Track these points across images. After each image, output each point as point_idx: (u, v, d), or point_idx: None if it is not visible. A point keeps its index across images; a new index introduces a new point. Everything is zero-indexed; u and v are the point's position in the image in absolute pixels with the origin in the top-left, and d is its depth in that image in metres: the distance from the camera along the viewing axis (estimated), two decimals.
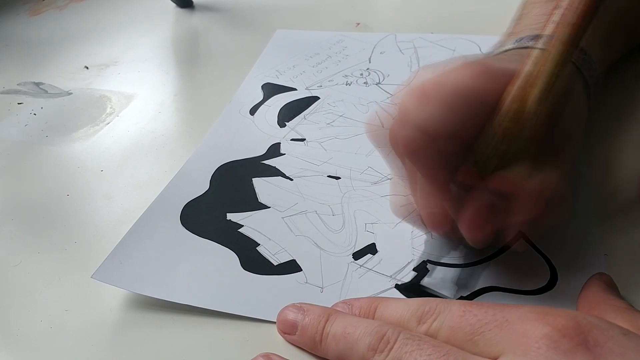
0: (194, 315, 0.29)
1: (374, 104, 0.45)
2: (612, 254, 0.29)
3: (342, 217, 0.34)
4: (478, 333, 0.21)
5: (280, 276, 0.30)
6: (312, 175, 0.37)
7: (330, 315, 0.26)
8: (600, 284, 0.26)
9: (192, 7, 0.67)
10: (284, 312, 0.27)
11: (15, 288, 0.32)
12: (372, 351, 0.23)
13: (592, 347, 0.19)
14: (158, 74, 0.53)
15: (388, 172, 0.37)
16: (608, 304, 0.24)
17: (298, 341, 0.26)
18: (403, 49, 0.52)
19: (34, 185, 0.40)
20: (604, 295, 0.25)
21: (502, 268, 0.29)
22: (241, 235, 0.33)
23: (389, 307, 0.26)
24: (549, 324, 0.20)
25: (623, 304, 0.24)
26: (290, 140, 0.41)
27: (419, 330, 0.24)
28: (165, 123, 0.46)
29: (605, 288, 0.26)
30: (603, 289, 0.25)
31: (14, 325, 0.29)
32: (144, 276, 0.30)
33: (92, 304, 0.30)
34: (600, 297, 0.25)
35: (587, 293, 0.26)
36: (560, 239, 0.30)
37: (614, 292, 0.26)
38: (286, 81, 0.49)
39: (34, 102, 0.51)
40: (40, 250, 0.34)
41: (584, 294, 0.26)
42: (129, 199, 0.37)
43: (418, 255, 0.30)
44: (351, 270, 0.30)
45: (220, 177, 0.38)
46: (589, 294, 0.26)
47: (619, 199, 0.33)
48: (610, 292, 0.25)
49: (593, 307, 0.24)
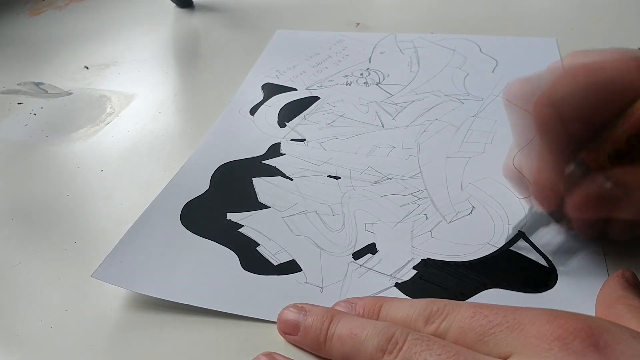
0: (194, 315, 0.29)
1: (374, 103, 0.45)
2: (612, 254, 0.29)
3: (342, 216, 0.34)
4: (489, 334, 0.22)
5: (280, 276, 0.30)
6: (312, 175, 0.37)
7: (334, 315, 0.26)
8: (621, 281, 0.26)
9: (192, 7, 0.67)
10: (284, 313, 0.27)
11: (15, 288, 0.32)
12: (381, 352, 0.23)
13: (603, 349, 0.19)
14: (158, 74, 0.53)
15: (387, 172, 0.37)
16: (625, 303, 0.24)
17: (300, 342, 0.26)
18: (403, 49, 0.52)
19: (34, 185, 0.40)
20: (622, 293, 0.25)
21: (502, 266, 0.29)
22: (241, 235, 0.33)
23: (394, 307, 0.26)
24: (561, 327, 0.20)
25: (637, 303, 0.24)
26: (291, 140, 0.41)
27: (426, 330, 0.23)
28: (165, 123, 0.46)
29: (626, 286, 0.25)
30: (623, 287, 0.25)
31: (14, 325, 0.29)
32: (144, 275, 0.30)
33: (92, 304, 0.30)
34: (618, 296, 0.25)
35: (607, 291, 0.26)
36: (563, 237, 0.30)
37: (634, 290, 0.25)
38: (286, 81, 0.49)
39: (34, 102, 0.51)
40: (40, 250, 0.34)
41: (603, 291, 0.26)
42: (129, 199, 0.37)
43: (514, 224, 0.31)
44: (351, 270, 0.30)
45: (221, 177, 0.38)
46: (607, 292, 0.25)
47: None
48: (630, 290, 0.25)
49: (611, 306, 0.24)
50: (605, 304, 0.25)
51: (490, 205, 0.33)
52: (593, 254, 0.29)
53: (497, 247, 0.30)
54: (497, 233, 0.31)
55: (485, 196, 0.34)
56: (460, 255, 0.30)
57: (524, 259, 0.30)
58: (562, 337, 0.20)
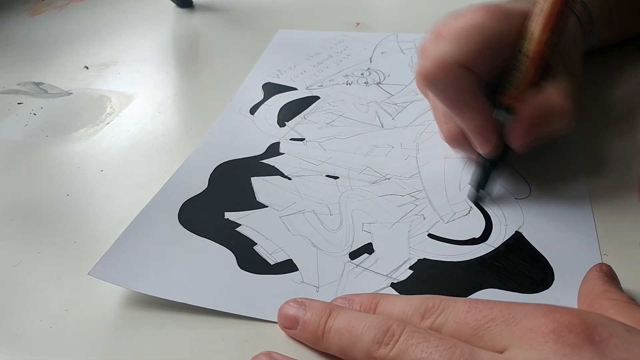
0: (195, 315, 0.29)
1: (374, 103, 0.45)
2: (612, 254, 0.29)
3: (339, 216, 0.34)
4: (484, 328, 0.22)
5: (277, 275, 0.30)
6: (310, 174, 0.38)
7: (333, 310, 0.26)
8: (601, 276, 0.26)
9: (192, 7, 0.67)
10: (284, 307, 0.27)
11: (15, 288, 0.32)
12: (377, 344, 0.23)
13: (598, 343, 0.20)
14: (158, 74, 0.53)
15: (386, 172, 0.37)
16: (609, 298, 0.24)
17: (299, 335, 0.26)
18: (404, 49, 0.52)
19: (34, 185, 0.40)
20: (604, 288, 0.25)
21: (498, 266, 0.29)
22: (238, 234, 0.33)
23: (390, 303, 0.26)
24: (556, 320, 0.20)
25: (622, 297, 0.24)
26: (290, 139, 0.41)
27: (422, 325, 0.24)
28: (165, 123, 0.46)
29: (606, 280, 0.26)
30: (603, 282, 0.25)
31: (14, 325, 0.30)
32: (141, 273, 0.31)
33: (92, 304, 0.30)
34: (600, 291, 0.25)
35: (588, 287, 0.26)
36: (559, 238, 0.31)
37: (614, 284, 0.26)
38: (287, 81, 0.49)
39: (34, 102, 0.51)
40: (40, 250, 0.34)
41: (584, 287, 0.26)
42: (129, 199, 0.38)
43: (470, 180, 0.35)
44: (347, 270, 0.30)
45: (219, 176, 0.38)
46: (589, 288, 0.26)
47: (618, 199, 0.33)
48: (611, 284, 0.25)
49: (594, 302, 0.25)
50: (588, 300, 0.25)
51: (487, 206, 0.33)
52: (592, 254, 0.29)
53: (493, 247, 0.31)
54: (494, 234, 0.31)
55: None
56: (456, 255, 0.30)
57: (521, 259, 0.30)
58: (557, 331, 0.20)
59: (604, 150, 0.36)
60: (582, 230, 0.31)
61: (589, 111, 0.39)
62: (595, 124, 0.39)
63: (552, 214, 0.32)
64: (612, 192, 0.33)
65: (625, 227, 0.31)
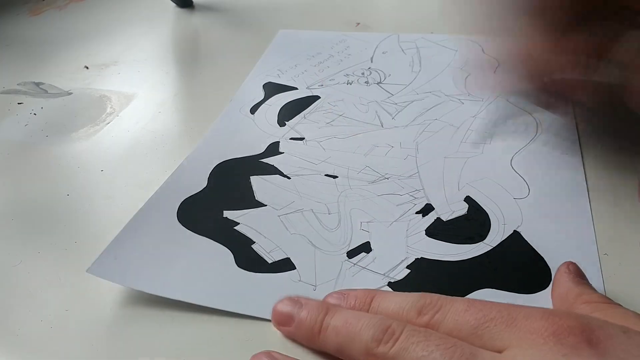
0: (195, 314, 0.29)
1: (374, 103, 0.45)
2: (612, 254, 0.29)
3: (337, 215, 0.34)
4: (483, 327, 0.22)
5: (274, 274, 0.30)
6: (309, 174, 0.38)
7: (330, 308, 0.26)
8: (572, 277, 0.26)
9: (192, 7, 0.67)
10: (279, 305, 0.27)
11: (15, 288, 0.32)
12: (377, 342, 0.23)
13: (596, 345, 0.20)
14: (158, 74, 0.53)
15: (385, 172, 0.37)
16: (586, 301, 0.24)
17: (294, 333, 0.26)
18: (405, 49, 0.52)
19: (34, 185, 0.40)
20: (578, 290, 0.25)
21: (496, 266, 0.29)
22: (237, 232, 0.33)
23: (386, 299, 0.26)
24: (555, 323, 0.21)
25: (600, 299, 0.24)
26: (290, 139, 0.41)
27: (419, 320, 0.24)
28: (165, 123, 0.46)
29: (578, 282, 0.26)
30: (576, 283, 0.26)
31: (14, 325, 0.30)
32: (139, 271, 0.31)
33: (93, 304, 0.30)
34: (575, 294, 0.25)
35: (562, 291, 0.26)
36: (558, 238, 0.31)
37: (585, 283, 0.26)
38: (287, 80, 0.49)
39: (34, 102, 0.51)
40: (40, 250, 0.34)
41: (557, 292, 0.26)
42: (129, 199, 0.38)
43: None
44: (345, 269, 0.30)
45: (219, 175, 0.38)
46: (564, 292, 0.26)
47: (618, 199, 0.33)
48: (583, 285, 0.26)
49: (572, 307, 0.25)
50: (565, 306, 0.25)
51: (486, 205, 0.33)
52: (592, 254, 0.29)
53: (491, 247, 0.31)
54: (492, 233, 0.31)
55: (482, 196, 0.34)
56: (454, 255, 0.30)
57: (518, 259, 0.30)
58: (557, 333, 0.20)
59: (603, 150, 0.36)
60: (580, 230, 0.31)
61: (589, 111, 0.39)
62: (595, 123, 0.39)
63: (550, 214, 0.32)
64: (611, 192, 0.33)
65: (625, 227, 0.31)
